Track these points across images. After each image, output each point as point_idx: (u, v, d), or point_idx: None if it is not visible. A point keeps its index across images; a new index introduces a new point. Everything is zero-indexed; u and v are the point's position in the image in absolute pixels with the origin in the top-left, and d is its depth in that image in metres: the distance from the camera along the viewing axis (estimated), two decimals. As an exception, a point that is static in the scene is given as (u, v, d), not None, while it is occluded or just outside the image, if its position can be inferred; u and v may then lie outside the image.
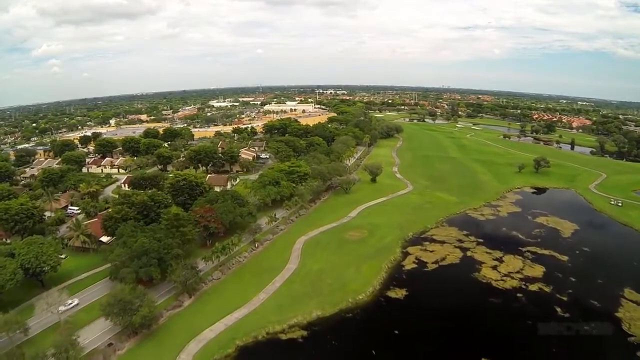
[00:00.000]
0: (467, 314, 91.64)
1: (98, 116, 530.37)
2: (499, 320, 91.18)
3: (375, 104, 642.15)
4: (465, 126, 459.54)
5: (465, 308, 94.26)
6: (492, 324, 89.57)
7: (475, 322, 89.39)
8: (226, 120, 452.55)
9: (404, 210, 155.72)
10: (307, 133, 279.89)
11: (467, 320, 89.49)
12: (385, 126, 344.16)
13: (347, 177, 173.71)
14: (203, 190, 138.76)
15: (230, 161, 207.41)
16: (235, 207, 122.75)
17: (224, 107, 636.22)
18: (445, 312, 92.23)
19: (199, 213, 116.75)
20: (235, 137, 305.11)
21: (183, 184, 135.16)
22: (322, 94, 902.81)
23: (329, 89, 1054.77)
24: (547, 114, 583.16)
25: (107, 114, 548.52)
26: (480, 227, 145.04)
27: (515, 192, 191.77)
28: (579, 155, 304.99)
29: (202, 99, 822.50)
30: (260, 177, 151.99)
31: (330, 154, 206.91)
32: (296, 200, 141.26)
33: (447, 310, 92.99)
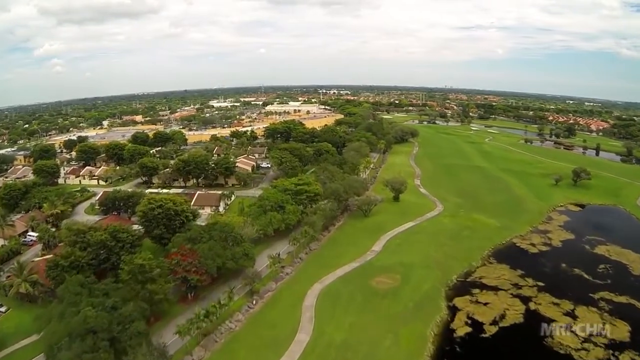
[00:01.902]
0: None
1: (93, 117, 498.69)
2: None
3: (382, 105, 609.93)
4: (481, 129, 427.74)
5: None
6: None
7: None
8: (225, 122, 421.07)
9: (439, 240, 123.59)
10: (314, 138, 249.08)
11: None
12: (399, 130, 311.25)
13: (367, 196, 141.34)
14: (184, 221, 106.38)
15: (225, 173, 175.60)
16: (225, 248, 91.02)
17: (224, 107, 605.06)
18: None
19: (175, 258, 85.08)
20: (234, 142, 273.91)
21: (158, 213, 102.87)
22: (326, 94, 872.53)
23: (332, 89, 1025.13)
24: (560, 116, 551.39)
25: (103, 115, 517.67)
26: (536, 264, 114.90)
27: (560, 211, 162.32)
28: (611, 163, 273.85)
29: (203, 99, 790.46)
30: (260, 200, 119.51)
31: (343, 165, 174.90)
32: (306, 230, 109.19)
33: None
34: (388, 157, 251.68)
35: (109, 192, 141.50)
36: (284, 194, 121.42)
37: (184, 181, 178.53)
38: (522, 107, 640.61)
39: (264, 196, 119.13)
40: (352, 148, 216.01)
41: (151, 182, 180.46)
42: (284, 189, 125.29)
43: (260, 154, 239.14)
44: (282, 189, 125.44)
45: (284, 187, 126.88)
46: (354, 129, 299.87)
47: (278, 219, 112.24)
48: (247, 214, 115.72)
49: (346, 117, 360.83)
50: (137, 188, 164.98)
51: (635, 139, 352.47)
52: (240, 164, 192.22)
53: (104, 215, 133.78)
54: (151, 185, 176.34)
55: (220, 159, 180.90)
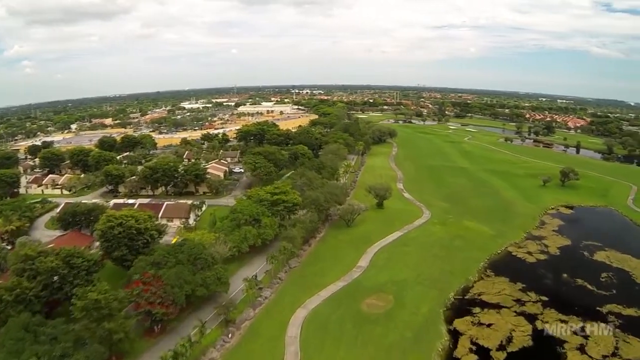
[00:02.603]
0: None
1: (62, 120, 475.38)
2: None
3: (357, 104, 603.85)
4: (459, 128, 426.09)
5: None
6: None
7: None
8: (196, 124, 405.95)
9: (431, 252, 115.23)
10: (289, 140, 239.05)
11: None
12: (377, 130, 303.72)
13: (350, 204, 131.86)
14: (149, 240, 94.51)
15: (195, 181, 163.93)
16: (194, 272, 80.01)
17: (196, 109, 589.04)
18: None
19: (137, 288, 73.62)
20: (205, 146, 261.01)
21: (119, 232, 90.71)
22: (299, 93, 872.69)
23: (305, 88, 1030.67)
24: (537, 114, 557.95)
25: (72, 118, 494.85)
26: (536, 275, 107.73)
27: (552, 215, 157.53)
28: (594, 162, 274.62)
29: (174, 101, 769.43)
30: (233, 213, 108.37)
31: (321, 169, 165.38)
32: (284, 246, 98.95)
33: None
34: (367, 159, 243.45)
35: (69, 205, 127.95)
36: (259, 206, 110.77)
37: (151, 189, 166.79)
38: (498, 105, 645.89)
39: (237, 208, 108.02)
40: (330, 150, 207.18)
41: (117, 191, 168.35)
42: (259, 200, 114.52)
43: (232, 158, 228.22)
44: (256, 200, 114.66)
45: (259, 197, 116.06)
46: (329, 129, 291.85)
47: (253, 234, 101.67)
48: (219, 229, 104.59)
49: (321, 118, 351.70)
50: (102, 198, 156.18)
51: (613, 136, 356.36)
52: (211, 170, 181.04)
53: (64, 231, 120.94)
54: (117, 194, 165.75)
55: (190, 165, 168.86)
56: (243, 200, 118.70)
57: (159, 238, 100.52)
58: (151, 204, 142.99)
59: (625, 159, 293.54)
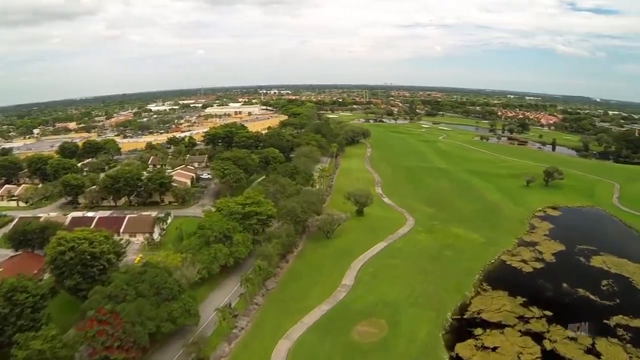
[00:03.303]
0: None
1: (25, 125, 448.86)
2: None
3: (326, 104, 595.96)
4: (432, 126, 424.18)
5: None
6: None
7: None
8: (162, 127, 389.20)
9: (420, 265, 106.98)
10: (259, 142, 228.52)
11: None
12: (350, 130, 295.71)
13: (329, 214, 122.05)
14: (105, 266, 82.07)
15: (160, 190, 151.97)
16: (158, 305, 68.88)
17: (163, 111, 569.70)
18: None
19: (91, 330, 61.86)
20: (171, 150, 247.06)
21: (71, 258, 78.06)
22: (266, 94, 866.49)
23: (272, 88, 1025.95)
24: (508, 111, 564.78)
25: (35, 122, 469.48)
26: (535, 287, 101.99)
27: (540, 217, 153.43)
28: (573, 159, 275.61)
29: (141, 103, 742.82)
30: (201, 229, 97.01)
31: (295, 175, 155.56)
32: (259, 266, 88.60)
33: None
34: (341, 161, 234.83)
35: (22, 221, 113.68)
36: (229, 220, 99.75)
37: (113, 200, 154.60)
38: (469, 103, 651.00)
39: (205, 224, 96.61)
40: (302, 153, 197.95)
41: (77, 203, 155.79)
42: (229, 213, 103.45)
43: (200, 163, 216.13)
44: (227, 213, 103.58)
45: (229, 209, 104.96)
46: (300, 130, 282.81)
47: (224, 253, 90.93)
48: (185, 248, 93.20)
49: (291, 118, 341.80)
50: (61, 210, 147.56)
51: (587, 133, 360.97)
52: (177, 177, 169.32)
53: (16, 251, 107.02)
54: (77, 205, 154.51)
55: (154, 173, 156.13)
56: (212, 213, 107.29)
57: (118, 261, 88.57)
58: (112, 217, 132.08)
59: (600, 156, 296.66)
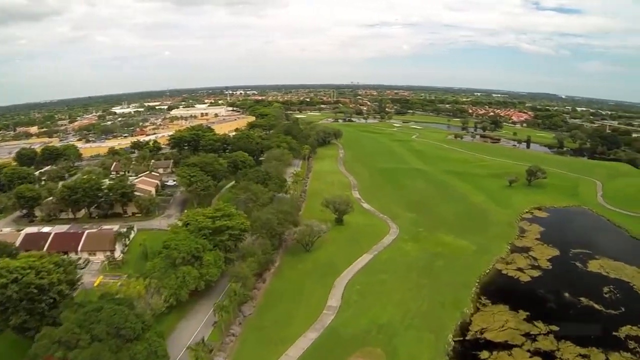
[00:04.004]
0: None
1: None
2: None
3: (293, 104, 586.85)
4: (404, 125, 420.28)
5: None
6: None
7: None
8: (126, 130, 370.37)
9: (411, 279, 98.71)
10: (227, 145, 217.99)
11: None
12: (321, 131, 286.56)
13: (307, 225, 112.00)
14: (56, 299, 69.70)
15: (122, 200, 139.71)
16: (119, 349, 57.71)
17: (127, 113, 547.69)
18: None
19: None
20: (135, 155, 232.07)
21: (14, 292, 65.16)
22: (232, 94, 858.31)
23: (239, 89, 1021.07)
24: (478, 108, 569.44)
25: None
26: (537, 299, 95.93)
27: (528, 220, 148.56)
28: (551, 157, 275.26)
29: (106, 106, 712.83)
30: (166, 249, 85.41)
31: (267, 181, 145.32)
32: (235, 291, 78.24)
33: None
34: (313, 164, 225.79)
35: None
36: (198, 237, 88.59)
37: (72, 212, 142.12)
38: (438, 101, 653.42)
39: (171, 243, 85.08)
40: (273, 156, 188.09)
41: (34, 216, 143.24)
42: (197, 228, 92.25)
43: (165, 169, 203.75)
44: (195, 228, 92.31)
45: (198, 224, 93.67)
46: (269, 132, 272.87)
47: (194, 276, 79.99)
48: (150, 271, 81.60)
49: (259, 119, 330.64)
50: (16, 224, 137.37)
51: (560, 130, 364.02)
52: (141, 184, 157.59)
53: None
54: (34, 219, 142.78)
55: (115, 182, 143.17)
56: (178, 229, 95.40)
57: (72, 291, 76.64)
58: (69, 233, 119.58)
59: (575, 153, 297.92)
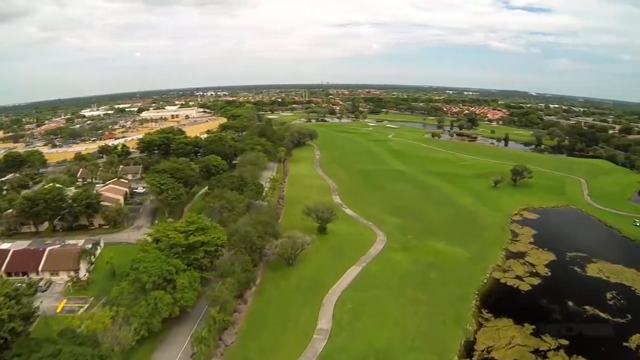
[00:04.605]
0: None
1: None
2: None
3: (265, 104, 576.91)
4: (379, 124, 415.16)
5: None
6: None
7: None
8: (95, 134, 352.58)
9: (406, 294, 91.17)
10: (199, 149, 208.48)
11: None
12: (295, 132, 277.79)
13: (289, 236, 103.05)
14: (8, 339, 59.23)
15: (87, 212, 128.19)
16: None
17: (97, 116, 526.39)
18: None
19: None
20: (103, 159, 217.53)
21: None
22: (203, 96, 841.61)
23: (209, 90, 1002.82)
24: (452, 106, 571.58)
25: None
26: (541, 310, 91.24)
27: (519, 222, 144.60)
28: (528, 154, 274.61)
29: (75, 108, 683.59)
30: (134, 271, 75.00)
31: (243, 187, 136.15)
32: (214, 319, 69.15)
33: None
34: (289, 167, 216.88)
35: None
36: (170, 256, 78.82)
37: (34, 225, 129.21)
38: (411, 100, 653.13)
39: (140, 267, 74.64)
40: (248, 160, 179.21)
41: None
42: (169, 246, 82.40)
43: (134, 175, 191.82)
44: (166, 246, 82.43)
45: (169, 240, 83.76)
46: (242, 133, 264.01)
47: (166, 302, 70.44)
48: (116, 298, 71.41)
49: (231, 121, 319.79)
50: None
51: (537, 127, 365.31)
52: (109, 193, 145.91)
53: None
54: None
55: (79, 192, 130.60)
56: (147, 246, 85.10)
57: (28, 326, 66.39)
58: (29, 250, 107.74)
59: (554, 150, 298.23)
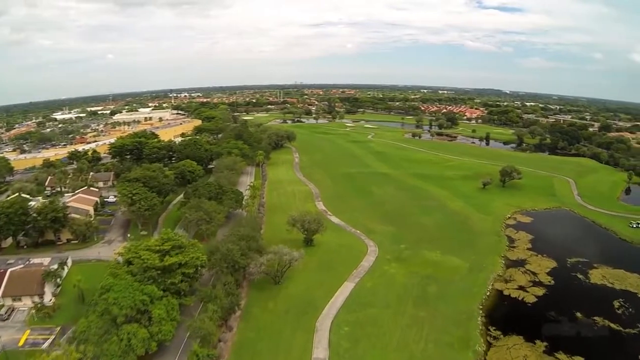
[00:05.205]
0: None
1: None
2: None
3: (240, 105, 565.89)
4: (356, 124, 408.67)
5: None
6: None
7: None
8: (65, 138, 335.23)
9: (406, 312, 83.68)
10: (173, 153, 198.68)
11: None
12: (273, 134, 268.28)
13: (275, 252, 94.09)
14: None
15: (53, 226, 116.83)
16: None
17: (69, 119, 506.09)
18: None
19: None
20: (74, 165, 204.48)
21: None
22: (177, 97, 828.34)
23: (183, 92, 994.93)
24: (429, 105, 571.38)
25: None
26: (550, 324, 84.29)
27: (514, 227, 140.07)
28: (512, 153, 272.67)
29: (47, 111, 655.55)
30: (104, 301, 65.00)
31: (221, 195, 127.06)
32: (197, 354, 60.39)
33: None
34: (268, 171, 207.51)
35: None
36: (143, 283, 69.09)
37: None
38: (387, 99, 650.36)
39: (108, 296, 64.68)
40: (225, 165, 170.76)
41: None
42: (142, 269, 72.75)
43: (105, 182, 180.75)
44: (139, 269, 72.68)
45: (143, 263, 74.02)
46: (217, 136, 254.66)
47: (142, 338, 61.22)
48: (82, 334, 61.52)
49: (205, 123, 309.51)
50: None
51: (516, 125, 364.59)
52: (77, 204, 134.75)
53: None
54: None
55: (44, 205, 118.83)
56: (118, 270, 74.58)
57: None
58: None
59: (536, 148, 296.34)
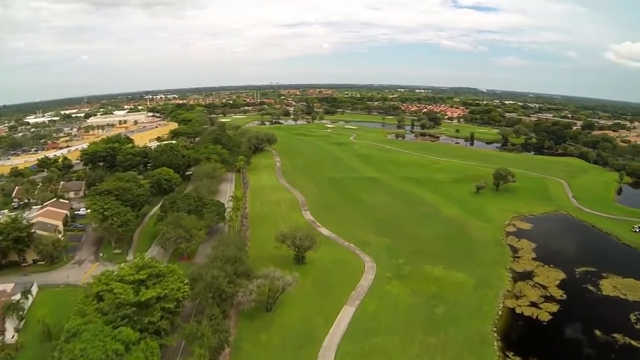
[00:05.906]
0: None
1: None
2: None
3: (217, 107, 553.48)
4: (337, 125, 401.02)
5: None
6: None
7: None
8: (37, 143, 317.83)
9: (415, 338, 75.33)
10: (148, 160, 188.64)
11: None
12: (253, 137, 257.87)
13: (265, 275, 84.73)
14: None
15: (16, 247, 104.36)
16: None
17: (42, 123, 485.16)
18: None
19: None
20: (44, 174, 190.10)
21: None
22: (153, 99, 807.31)
23: (159, 94, 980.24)
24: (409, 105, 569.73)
25: None
26: (569, 345, 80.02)
27: (514, 234, 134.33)
28: (499, 154, 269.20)
29: (20, 115, 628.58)
30: (66, 354, 54.43)
31: (202, 208, 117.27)
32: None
33: None
34: (249, 178, 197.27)
35: None
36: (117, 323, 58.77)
37: None
38: (366, 99, 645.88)
39: (75, 348, 54.10)
40: (203, 172, 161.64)
41: None
42: (115, 306, 62.54)
43: (77, 192, 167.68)
44: (111, 306, 62.35)
45: (115, 299, 63.31)
46: (194, 139, 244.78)
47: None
48: None
49: (182, 126, 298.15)
50: None
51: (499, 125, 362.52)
52: (45, 218, 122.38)
53: None
54: None
55: (7, 223, 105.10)
56: (86, 310, 63.11)
57: None
58: None
59: (522, 148, 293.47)
